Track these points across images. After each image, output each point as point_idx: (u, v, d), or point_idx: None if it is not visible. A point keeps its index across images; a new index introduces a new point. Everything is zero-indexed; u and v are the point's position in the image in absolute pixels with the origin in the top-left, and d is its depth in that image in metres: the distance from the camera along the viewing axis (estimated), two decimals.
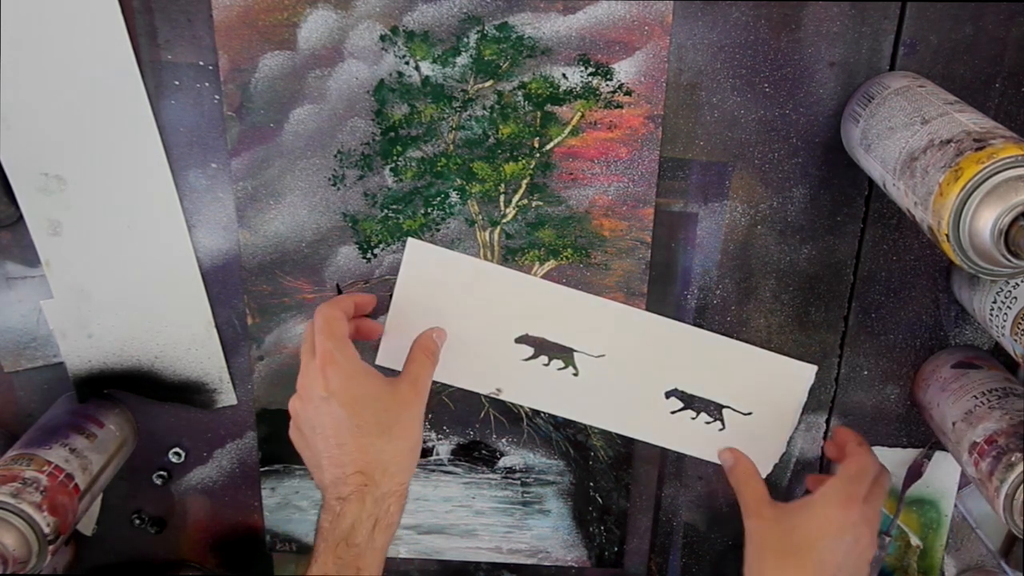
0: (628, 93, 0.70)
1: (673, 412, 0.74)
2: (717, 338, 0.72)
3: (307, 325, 0.67)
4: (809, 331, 0.77)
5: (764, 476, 0.72)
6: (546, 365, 0.73)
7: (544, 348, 0.73)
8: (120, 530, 0.84)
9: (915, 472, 0.81)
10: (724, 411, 0.73)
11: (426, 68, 0.69)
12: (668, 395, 0.73)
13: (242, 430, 0.81)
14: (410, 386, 0.65)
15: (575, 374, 0.74)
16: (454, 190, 0.73)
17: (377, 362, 0.71)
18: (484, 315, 0.72)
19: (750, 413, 0.73)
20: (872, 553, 0.68)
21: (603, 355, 0.73)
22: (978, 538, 0.83)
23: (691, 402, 0.74)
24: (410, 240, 0.69)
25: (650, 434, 0.75)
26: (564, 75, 0.69)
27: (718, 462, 0.73)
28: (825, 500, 0.67)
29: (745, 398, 0.73)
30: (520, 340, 0.73)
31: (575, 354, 0.73)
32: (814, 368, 0.71)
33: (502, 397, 0.74)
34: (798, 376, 0.71)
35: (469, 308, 0.71)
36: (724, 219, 0.74)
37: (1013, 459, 0.65)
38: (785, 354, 0.71)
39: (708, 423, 0.74)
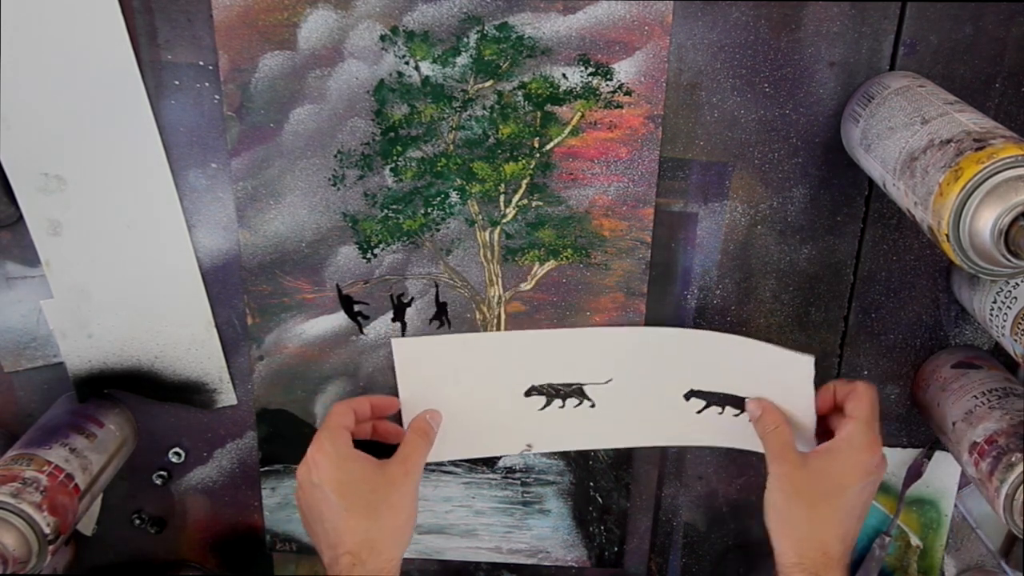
0: (628, 93, 0.70)
1: (699, 411, 0.74)
2: (714, 335, 0.72)
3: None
4: (809, 331, 0.77)
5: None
6: (562, 407, 0.75)
7: (554, 392, 0.75)
8: (120, 530, 0.84)
9: (915, 472, 0.81)
10: (746, 401, 0.73)
11: (426, 68, 0.69)
12: (688, 397, 0.74)
13: (242, 430, 0.81)
14: (399, 465, 0.69)
15: (592, 406, 0.75)
16: (454, 190, 0.73)
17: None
18: (488, 382, 0.74)
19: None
20: (884, 470, 0.69)
21: (610, 379, 0.74)
22: (978, 538, 0.83)
23: (712, 398, 0.74)
24: (394, 341, 0.72)
25: (685, 438, 0.76)
26: (564, 75, 0.69)
27: (762, 451, 0.72)
28: (851, 445, 0.67)
29: (759, 389, 0.72)
30: (529, 392, 0.74)
31: (585, 387, 0.74)
32: (811, 359, 0.69)
33: (535, 451, 0.76)
34: (797, 367, 0.70)
35: (471, 382, 0.74)
36: (724, 219, 0.74)
37: (1013, 459, 0.65)
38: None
39: (736, 415, 0.74)
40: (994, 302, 0.67)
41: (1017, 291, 0.65)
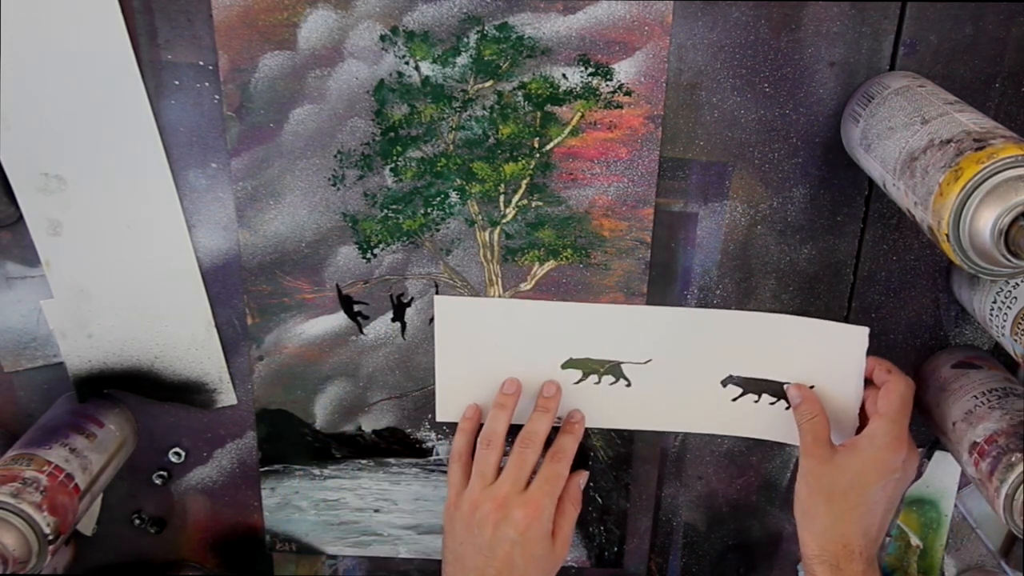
0: (628, 93, 0.70)
1: (734, 400, 0.74)
2: (759, 316, 0.72)
3: (460, 432, 0.76)
4: None
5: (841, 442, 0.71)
6: (597, 383, 0.74)
7: (591, 367, 0.74)
8: (120, 530, 0.84)
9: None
10: (786, 387, 0.73)
11: (426, 68, 0.69)
12: (725, 383, 0.74)
13: (242, 430, 0.81)
14: (562, 545, 0.73)
15: (628, 385, 0.74)
16: (454, 190, 0.73)
17: (438, 420, 0.74)
18: (525, 351, 0.73)
19: (812, 386, 0.72)
20: (915, 466, 0.69)
21: (649, 360, 0.73)
22: (978, 538, 0.83)
23: (750, 385, 0.73)
24: (437, 298, 0.72)
25: (717, 426, 0.76)
26: (564, 75, 0.69)
27: (796, 443, 0.72)
28: (873, 443, 0.67)
29: (803, 371, 0.72)
30: (566, 366, 0.74)
31: (622, 366, 0.74)
32: (865, 330, 0.69)
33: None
34: (851, 340, 0.69)
35: (509, 348, 0.73)
36: (724, 219, 0.74)
37: (1013, 459, 0.65)
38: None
39: (772, 403, 0.73)
40: (994, 302, 0.67)
41: (1017, 291, 0.65)
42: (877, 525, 0.68)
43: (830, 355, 0.70)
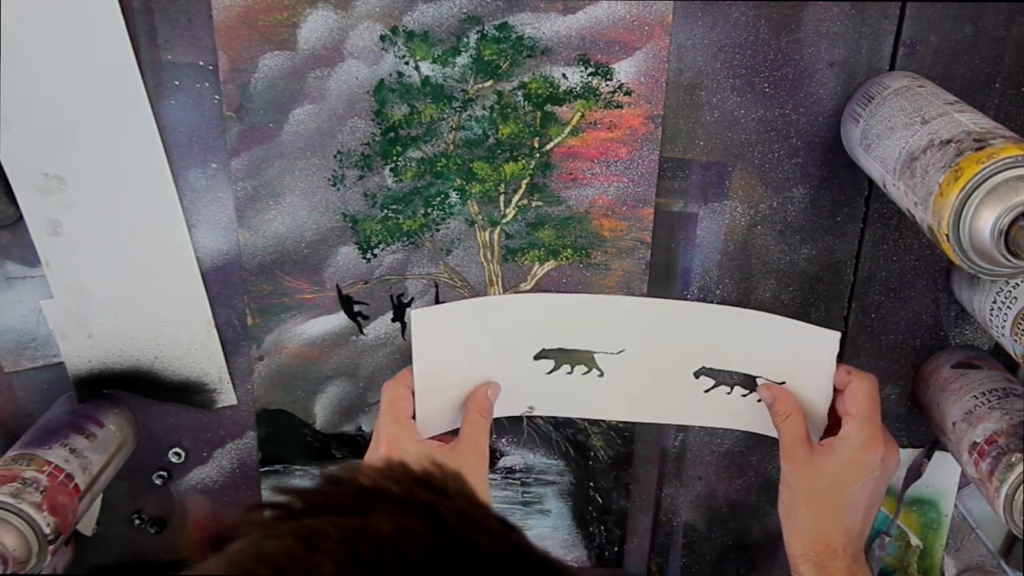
0: (628, 93, 0.70)
1: (707, 391, 0.74)
2: (734, 311, 0.71)
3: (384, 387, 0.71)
4: None
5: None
6: (570, 373, 0.74)
7: (564, 357, 0.74)
8: (120, 530, 0.84)
9: (915, 472, 0.81)
10: (758, 381, 0.73)
11: (426, 68, 0.69)
12: (697, 375, 0.73)
13: (242, 430, 0.81)
14: (472, 450, 0.69)
15: (600, 375, 0.74)
16: (454, 190, 0.73)
17: (421, 437, 0.73)
18: (499, 344, 0.72)
19: (783, 382, 0.72)
20: (896, 461, 0.69)
21: (622, 350, 0.73)
22: (978, 538, 0.83)
23: (722, 377, 0.73)
24: (414, 312, 0.70)
25: (690, 417, 0.76)
26: (564, 75, 0.69)
27: (770, 434, 0.72)
28: (848, 445, 0.67)
29: (775, 368, 0.72)
30: (539, 356, 0.73)
31: (595, 355, 0.74)
32: (837, 335, 0.69)
33: (536, 413, 0.75)
34: (822, 343, 0.69)
35: (485, 345, 0.72)
36: (724, 219, 0.74)
37: (1013, 459, 0.65)
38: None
39: (744, 395, 0.73)
40: (994, 302, 0.67)
41: (1017, 291, 0.65)
42: (860, 523, 0.68)
43: (801, 356, 0.71)
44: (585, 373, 0.74)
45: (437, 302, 0.76)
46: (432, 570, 0.28)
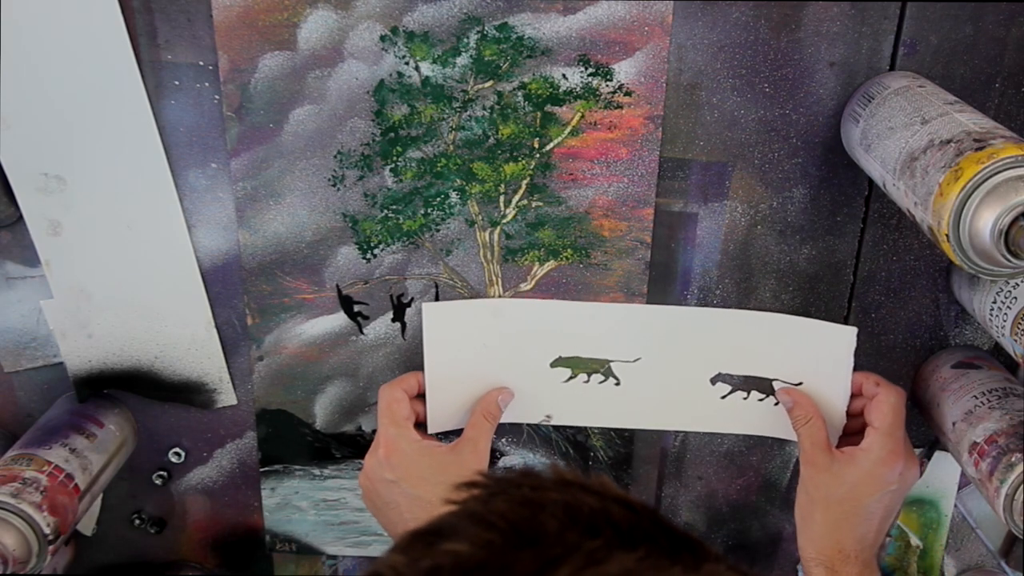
0: (628, 93, 0.70)
1: (723, 397, 0.74)
2: (748, 314, 0.72)
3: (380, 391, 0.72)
4: None
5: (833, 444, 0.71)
6: (586, 382, 0.74)
7: (580, 366, 0.74)
8: (120, 530, 0.84)
9: None
10: (774, 384, 0.73)
11: (426, 68, 0.69)
12: (714, 381, 0.74)
13: (242, 430, 0.81)
14: (471, 452, 0.70)
15: (617, 383, 0.74)
16: (454, 190, 0.73)
17: (429, 431, 0.73)
18: (515, 350, 0.73)
19: (800, 383, 0.72)
20: (915, 475, 0.69)
21: (639, 358, 0.73)
22: (978, 538, 0.83)
23: (739, 383, 0.73)
24: (425, 305, 0.71)
25: (708, 424, 0.76)
26: (564, 75, 0.69)
27: (790, 438, 0.73)
28: (869, 457, 0.67)
29: (791, 369, 0.72)
30: (555, 364, 0.74)
31: (611, 364, 0.74)
32: (854, 330, 0.69)
33: (554, 423, 0.75)
34: (839, 340, 0.70)
35: (498, 349, 0.73)
36: (724, 219, 0.74)
37: (1013, 459, 0.65)
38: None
39: (761, 400, 0.74)
40: (994, 302, 0.67)
41: (1017, 291, 0.65)
42: (874, 532, 0.68)
43: (818, 354, 0.71)
44: (602, 382, 0.75)
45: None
46: (637, 535, 0.34)
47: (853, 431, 0.71)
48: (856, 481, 0.67)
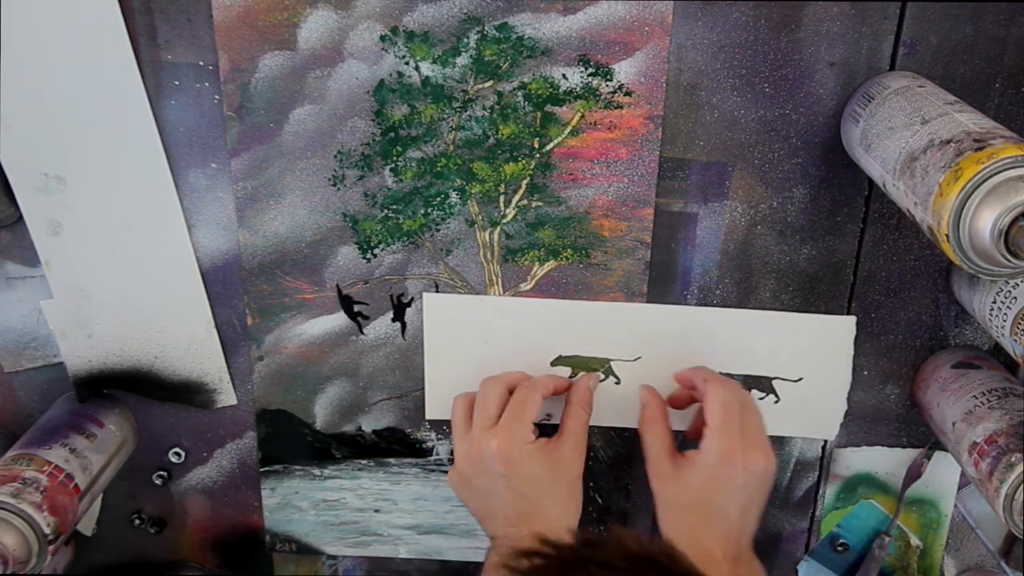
0: (628, 93, 0.70)
1: None
2: (748, 313, 0.73)
3: (459, 400, 0.72)
4: None
5: (832, 436, 0.70)
6: None
7: (581, 364, 0.74)
8: (120, 530, 0.84)
9: (915, 472, 0.81)
10: (774, 383, 0.73)
11: (426, 68, 0.69)
12: None
13: (242, 430, 0.81)
14: (572, 447, 0.70)
15: (617, 383, 0.74)
16: (454, 190, 0.73)
17: (427, 417, 0.73)
18: (515, 349, 0.73)
19: (800, 379, 0.72)
20: (773, 465, 0.67)
21: (639, 357, 0.74)
22: (978, 538, 0.83)
23: (738, 382, 0.74)
24: (427, 295, 0.71)
25: None
26: (564, 75, 0.69)
27: (788, 435, 0.72)
28: (707, 458, 0.66)
29: (791, 365, 0.73)
30: (556, 363, 0.74)
31: (612, 363, 0.74)
32: (852, 319, 0.70)
33: (553, 421, 0.75)
34: (838, 330, 0.70)
35: (499, 346, 0.73)
36: (724, 219, 0.74)
37: (1013, 459, 0.65)
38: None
39: (761, 398, 0.74)
40: (994, 302, 0.67)
41: (1017, 291, 0.65)
42: (736, 526, 0.67)
43: (818, 348, 0.71)
44: (602, 380, 0.75)
45: None
46: None
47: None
48: (702, 485, 0.66)
